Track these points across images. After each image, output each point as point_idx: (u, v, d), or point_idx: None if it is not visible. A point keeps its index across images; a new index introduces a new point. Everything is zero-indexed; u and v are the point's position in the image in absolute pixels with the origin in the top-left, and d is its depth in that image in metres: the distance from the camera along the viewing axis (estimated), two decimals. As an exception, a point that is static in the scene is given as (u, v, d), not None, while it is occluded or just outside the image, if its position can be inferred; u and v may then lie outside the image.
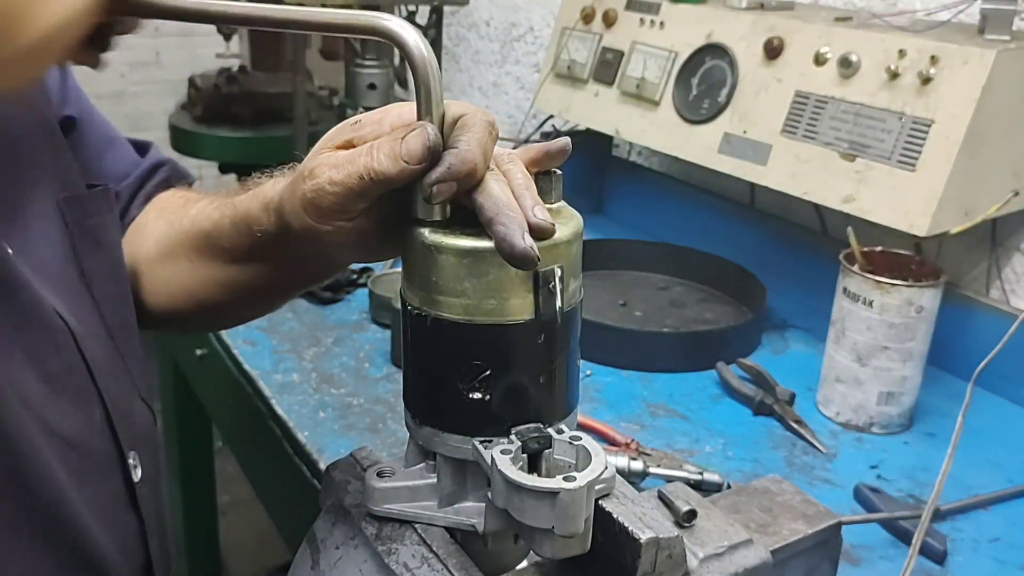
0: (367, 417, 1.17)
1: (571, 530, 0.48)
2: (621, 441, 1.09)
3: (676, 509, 0.60)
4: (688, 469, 1.04)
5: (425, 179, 0.51)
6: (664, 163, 1.90)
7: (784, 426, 1.18)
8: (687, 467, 1.05)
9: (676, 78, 1.46)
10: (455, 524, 0.56)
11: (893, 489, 1.05)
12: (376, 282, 1.46)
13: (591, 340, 1.30)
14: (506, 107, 2.37)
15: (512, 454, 0.51)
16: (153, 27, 3.88)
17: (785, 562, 0.64)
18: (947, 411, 1.21)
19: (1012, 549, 0.97)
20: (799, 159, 1.27)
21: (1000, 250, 1.33)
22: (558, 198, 0.55)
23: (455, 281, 0.51)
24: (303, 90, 1.83)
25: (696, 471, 1.03)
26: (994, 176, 1.17)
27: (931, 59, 1.14)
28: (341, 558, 0.57)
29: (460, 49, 2.52)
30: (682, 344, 1.35)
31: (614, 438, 1.10)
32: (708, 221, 1.68)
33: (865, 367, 1.14)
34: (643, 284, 1.60)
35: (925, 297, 1.11)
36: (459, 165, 0.50)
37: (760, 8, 1.42)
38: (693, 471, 1.03)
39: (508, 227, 0.49)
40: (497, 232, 0.49)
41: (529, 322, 0.51)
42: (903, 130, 1.16)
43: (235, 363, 1.33)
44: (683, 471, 1.03)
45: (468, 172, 0.51)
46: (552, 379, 0.53)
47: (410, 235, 0.53)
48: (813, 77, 1.27)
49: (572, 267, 0.53)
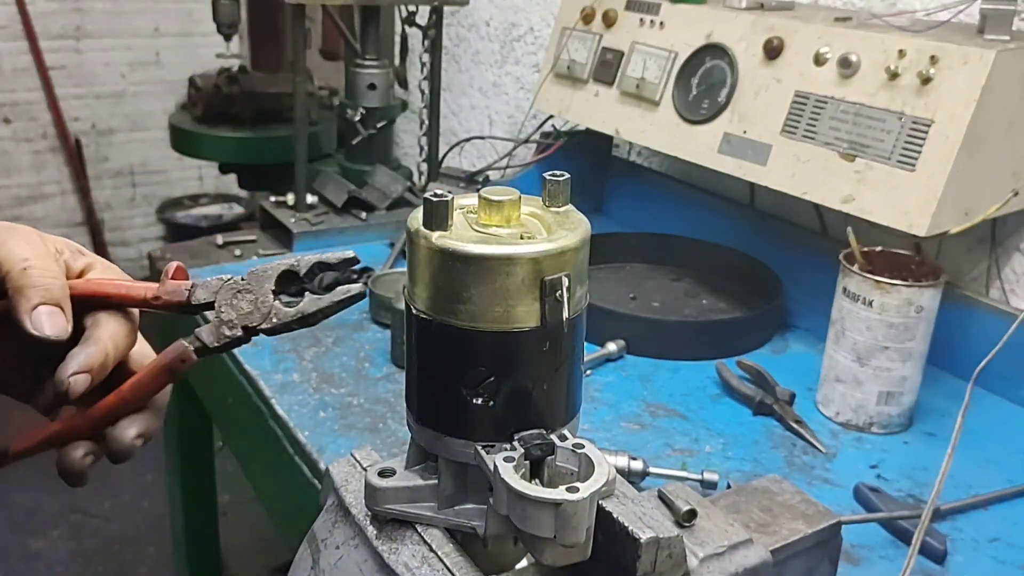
0: (367, 417, 1.17)
1: (573, 540, 0.48)
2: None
3: (676, 509, 0.60)
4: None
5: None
6: (664, 163, 1.90)
7: (784, 426, 1.18)
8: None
9: (676, 78, 1.46)
10: (455, 526, 0.56)
11: (893, 489, 1.05)
12: (376, 282, 1.46)
13: (607, 329, 1.34)
14: (506, 107, 2.37)
15: (515, 461, 0.51)
16: (153, 27, 3.89)
17: (785, 562, 0.64)
18: (947, 411, 1.21)
19: (1012, 549, 0.97)
20: (799, 159, 1.27)
21: (1000, 250, 1.33)
22: (565, 201, 0.55)
23: (461, 287, 0.51)
24: (303, 90, 1.83)
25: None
26: (994, 176, 1.17)
27: (931, 59, 1.14)
28: (341, 558, 0.57)
29: (460, 49, 2.52)
30: (705, 333, 1.39)
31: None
32: (708, 221, 1.68)
33: (865, 367, 1.14)
34: (654, 276, 1.63)
35: (925, 297, 1.11)
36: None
37: (760, 8, 1.42)
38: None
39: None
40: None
41: (535, 330, 0.51)
42: (903, 130, 1.16)
43: (235, 363, 1.33)
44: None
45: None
46: (556, 385, 0.53)
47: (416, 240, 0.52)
48: (813, 77, 1.27)
49: (579, 274, 0.52)
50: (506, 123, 2.37)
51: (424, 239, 0.51)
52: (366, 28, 1.96)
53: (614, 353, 1.33)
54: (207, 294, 0.58)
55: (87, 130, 3.88)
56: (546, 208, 0.55)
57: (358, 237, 1.77)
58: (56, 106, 3.75)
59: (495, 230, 0.53)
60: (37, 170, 3.84)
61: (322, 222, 1.77)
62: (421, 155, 2.05)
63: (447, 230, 0.52)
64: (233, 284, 0.58)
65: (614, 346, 1.33)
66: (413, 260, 0.53)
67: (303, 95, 1.83)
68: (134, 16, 3.85)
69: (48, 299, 0.55)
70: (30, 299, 0.54)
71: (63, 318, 0.55)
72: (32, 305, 0.54)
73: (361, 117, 1.96)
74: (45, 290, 0.55)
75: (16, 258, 0.55)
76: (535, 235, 0.53)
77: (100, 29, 3.80)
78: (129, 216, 4.12)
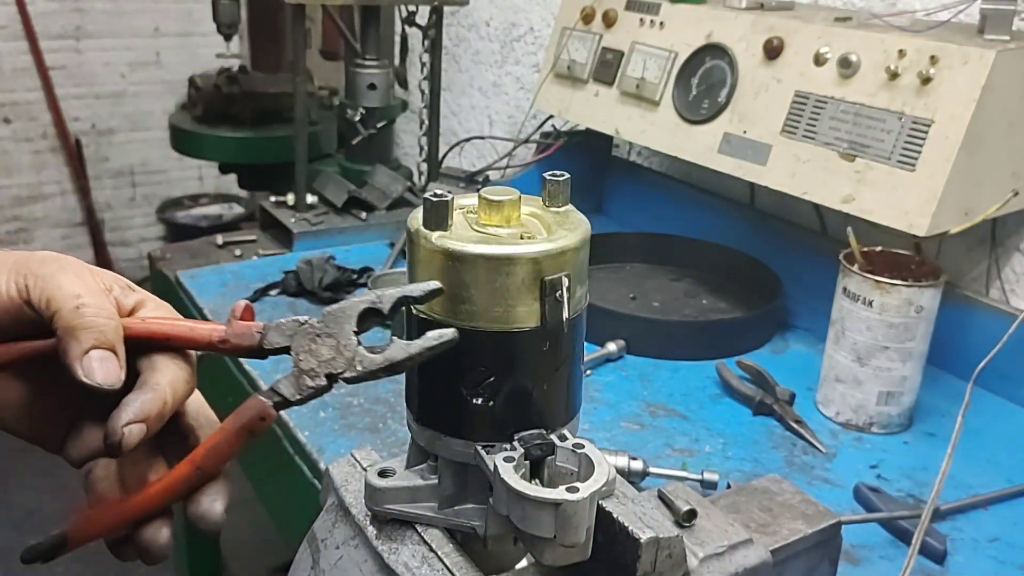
0: (367, 417, 1.17)
1: (573, 540, 0.48)
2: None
3: (676, 509, 0.60)
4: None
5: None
6: (664, 163, 1.90)
7: (784, 426, 1.18)
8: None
9: (676, 78, 1.46)
10: (455, 526, 0.56)
11: (893, 489, 1.05)
12: (376, 282, 1.46)
13: (607, 329, 1.35)
14: (506, 107, 2.37)
15: (515, 461, 0.51)
16: (153, 27, 3.89)
17: (785, 562, 0.64)
18: (947, 411, 1.21)
19: (1011, 549, 0.97)
20: (799, 159, 1.27)
21: (1000, 250, 1.33)
22: (565, 201, 0.55)
23: (461, 287, 0.51)
24: (303, 90, 1.83)
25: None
26: (994, 176, 1.17)
27: (931, 59, 1.14)
28: (341, 558, 0.57)
29: (460, 49, 2.52)
30: (705, 332, 1.39)
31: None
32: (708, 221, 1.68)
33: (865, 367, 1.14)
34: (654, 276, 1.63)
35: (925, 297, 1.11)
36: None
37: (760, 8, 1.42)
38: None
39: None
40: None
41: (535, 330, 0.51)
42: (903, 130, 1.16)
43: (235, 363, 1.33)
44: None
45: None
46: (556, 385, 0.53)
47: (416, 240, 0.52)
48: (813, 77, 1.27)
49: (579, 274, 0.52)
50: (506, 123, 2.37)
51: (424, 239, 0.51)
52: (366, 28, 1.96)
53: (614, 353, 1.33)
54: (281, 338, 0.53)
55: (87, 130, 3.88)
56: (546, 208, 0.55)
57: (358, 237, 1.77)
58: (56, 106, 3.75)
59: (495, 230, 0.53)
60: (37, 170, 3.84)
61: (322, 222, 1.77)
62: (421, 155, 2.05)
63: (447, 230, 0.52)
64: (310, 327, 0.53)
65: (614, 346, 1.33)
66: (413, 260, 0.53)
67: (303, 95, 1.83)
68: (134, 16, 3.85)
69: (102, 343, 0.50)
70: (82, 342, 0.50)
71: (116, 364, 0.50)
72: (84, 349, 0.49)
73: (361, 117, 1.96)
74: (99, 332, 0.50)
75: (67, 295, 0.50)
76: (535, 235, 0.53)
77: (100, 29, 3.80)
78: (129, 216, 4.12)
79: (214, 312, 1.45)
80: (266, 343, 0.53)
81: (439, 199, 0.51)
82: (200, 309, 1.48)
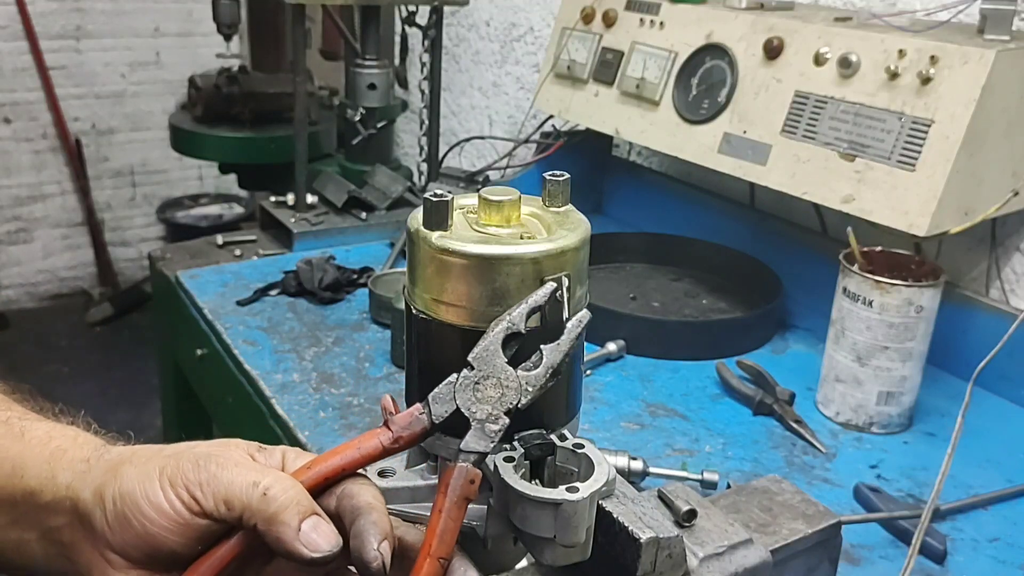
0: (367, 417, 1.17)
1: (573, 540, 0.49)
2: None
3: (676, 509, 0.60)
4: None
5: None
6: (664, 163, 1.90)
7: (784, 426, 1.18)
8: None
9: (676, 78, 1.46)
10: (455, 525, 0.56)
11: (893, 489, 1.05)
12: (376, 282, 1.46)
13: (607, 329, 1.34)
14: (506, 107, 2.37)
15: (515, 461, 0.51)
16: (153, 27, 3.89)
17: (785, 562, 0.64)
18: (947, 411, 1.21)
19: (1012, 549, 0.97)
20: (799, 159, 1.27)
21: (1000, 250, 1.33)
22: (565, 201, 0.55)
23: (461, 287, 0.51)
24: (303, 90, 1.83)
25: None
26: (993, 176, 1.17)
27: (931, 59, 1.14)
28: (342, 558, 0.57)
29: (460, 49, 2.52)
30: (705, 332, 1.39)
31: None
32: (708, 221, 1.68)
33: (865, 367, 1.14)
34: (654, 276, 1.63)
35: (925, 297, 1.11)
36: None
37: (760, 8, 1.42)
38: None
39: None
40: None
41: (535, 330, 0.51)
42: (903, 130, 1.16)
43: (235, 363, 1.33)
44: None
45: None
46: (556, 385, 0.53)
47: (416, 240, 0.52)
48: (813, 77, 1.27)
49: (579, 274, 0.52)
50: (506, 123, 2.37)
51: (424, 239, 0.51)
52: (366, 28, 1.96)
53: (614, 353, 1.33)
54: (446, 406, 0.52)
55: (87, 130, 3.88)
56: (546, 208, 0.55)
57: (358, 237, 1.78)
58: (56, 106, 3.76)
59: (495, 230, 0.53)
60: (37, 170, 3.84)
61: (322, 222, 1.77)
62: (421, 155, 2.05)
63: (447, 230, 0.52)
64: (464, 381, 0.51)
65: (614, 346, 1.33)
66: (413, 260, 0.53)
67: (303, 95, 1.83)
68: (134, 16, 3.85)
69: (305, 513, 0.49)
70: (290, 524, 0.48)
71: (328, 526, 0.49)
72: (296, 528, 0.48)
73: (361, 117, 1.96)
74: (297, 505, 0.49)
75: (243, 488, 0.49)
76: (535, 235, 0.53)
77: (100, 29, 3.80)
78: (129, 216, 4.12)
79: (214, 312, 1.45)
80: (435, 418, 0.52)
81: (439, 199, 0.51)
82: (200, 309, 1.48)
